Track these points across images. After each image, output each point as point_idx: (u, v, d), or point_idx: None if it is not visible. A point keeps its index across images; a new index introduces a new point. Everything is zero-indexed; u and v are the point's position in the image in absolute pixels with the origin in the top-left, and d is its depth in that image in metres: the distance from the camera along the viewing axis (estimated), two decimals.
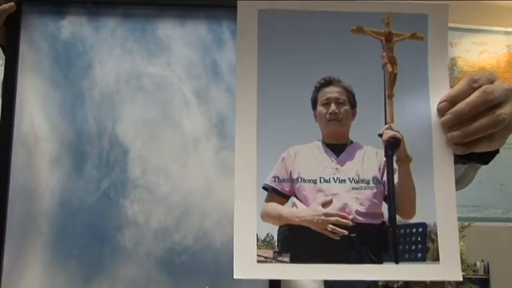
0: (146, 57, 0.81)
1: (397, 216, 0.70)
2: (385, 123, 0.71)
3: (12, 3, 0.78)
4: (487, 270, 3.15)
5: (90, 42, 0.81)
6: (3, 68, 0.78)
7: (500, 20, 3.45)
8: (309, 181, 0.70)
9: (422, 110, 0.71)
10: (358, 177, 0.70)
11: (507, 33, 3.47)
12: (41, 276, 0.76)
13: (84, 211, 0.77)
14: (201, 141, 0.79)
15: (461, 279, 0.70)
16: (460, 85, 0.69)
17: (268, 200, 0.69)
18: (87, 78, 0.80)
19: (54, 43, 0.81)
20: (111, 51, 0.81)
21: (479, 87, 0.67)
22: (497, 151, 0.74)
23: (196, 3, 0.82)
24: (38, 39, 0.80)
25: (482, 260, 3.16)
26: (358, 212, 0.69)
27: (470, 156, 0.72)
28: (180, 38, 0.82)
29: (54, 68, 0.80)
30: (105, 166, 0.78)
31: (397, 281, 2.74)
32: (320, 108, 0.72)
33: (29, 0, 0.80)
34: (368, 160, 0.71)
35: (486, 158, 0.75)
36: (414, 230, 0.69)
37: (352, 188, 0.70)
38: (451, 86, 0.71)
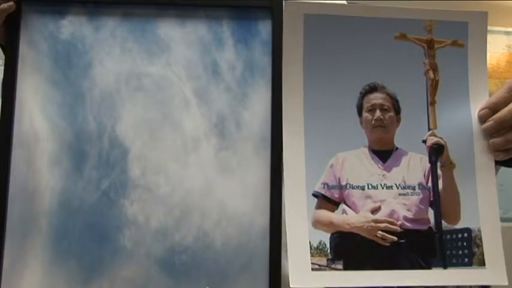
0: (146, 57, 0.81)
1: (443, 222, 0.70)
2: (428, 130, 0.72)
3: (12, 3, 0.77)
4: None
5: (90, 42, 0.81)
6: (3, 68, 0.78)
7: (500, 20, 3.45)
8: (357, 187, 0.70)
9: (463, 116, 0.72)
10: (405, 184, 0.71)
11: (507, 33, 3.46)
12: (41, 276, 0.76)
13: (84, 211, 0.77)
14: (201, 141, 0.79)
15: (507, 283, 0.70)
16: (501, 92, 0.70)
17: (318, 207, 0.69)
18: (87, 78, 0.80)
19: (54, 43, 0.80)
20: (111, 51, 0.81)
21: None
22: None
23: (196, 3, 0.82)
24: (38, 39, 0.80)
25: None
26: (405, 218, 0.70)
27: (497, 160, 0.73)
28: (180, 38, 0.82)
29: (54, 68, 0.80)
30: (105, 166, 0.78)
31: None
32: (365, 114, 0.72)
33: (29, 0, 0.80)
34: (413, 166, 0.71)
35: (511, 161, 0.76)
36: (460, 236, 0.70)
37: (399, 194, 0.71)
38: None
